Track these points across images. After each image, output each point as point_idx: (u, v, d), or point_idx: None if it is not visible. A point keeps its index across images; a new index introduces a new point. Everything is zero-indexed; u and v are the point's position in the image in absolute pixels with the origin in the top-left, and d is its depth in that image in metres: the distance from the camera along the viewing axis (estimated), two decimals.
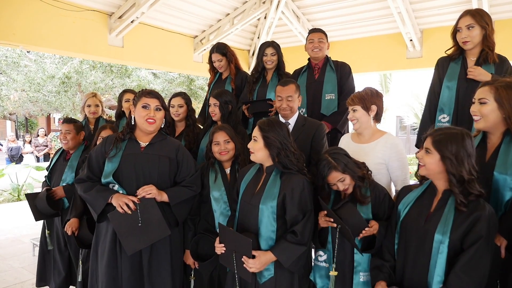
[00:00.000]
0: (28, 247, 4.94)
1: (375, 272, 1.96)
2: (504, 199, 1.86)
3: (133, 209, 2.21)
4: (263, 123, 2.14)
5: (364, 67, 6.89)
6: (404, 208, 1.91)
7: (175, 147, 2.46)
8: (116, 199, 2.23)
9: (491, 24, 2.57)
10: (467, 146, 1.72)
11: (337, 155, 2.08)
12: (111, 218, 2.24)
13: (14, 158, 11.87)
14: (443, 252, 1.70)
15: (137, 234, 2.23)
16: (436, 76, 2.79)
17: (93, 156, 2.41)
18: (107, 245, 2.33)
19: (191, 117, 3.17)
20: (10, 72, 12.66)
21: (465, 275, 1.63)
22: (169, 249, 2.40)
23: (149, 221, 2.24)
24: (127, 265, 2.31)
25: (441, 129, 1.80)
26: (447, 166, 1.72)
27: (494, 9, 5.58)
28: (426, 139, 1.81)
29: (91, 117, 3.79)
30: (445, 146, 1.72)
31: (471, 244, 1.66)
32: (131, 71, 13.39)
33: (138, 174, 2.33)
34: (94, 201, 2.32)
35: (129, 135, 2.41)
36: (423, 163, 1.80)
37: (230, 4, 6.42)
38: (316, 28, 3.57)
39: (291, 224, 2.06)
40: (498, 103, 1.86)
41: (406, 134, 21.03)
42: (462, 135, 1.73)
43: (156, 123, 2.37)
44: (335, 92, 3.34)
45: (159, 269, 2.37)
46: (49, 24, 4.81)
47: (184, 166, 2.45)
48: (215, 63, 3.70)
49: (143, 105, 2.35)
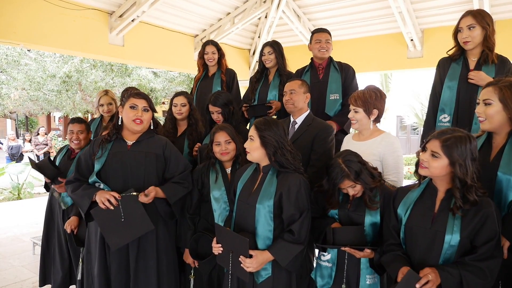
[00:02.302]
0: (28, 246, 4.94)
1: (393, 262, 1.87)
2: (508, 199, 1.86)
3: (115, 204, 2.22)
4: (259, 122, 2.14)
5: (365, 67, 6.89)
6: (405, 211, 1.89)
7: (162, 143, 2.48)
8: (99, 195, 2.26)
9: (492, 24, 2.57)
10: (473, 150, 1.72)
11: (350, 163, 2.05)
12: (94, 214, 2.27)
13: (14, 156, 11.87)
14: (452, 252, 1.72)
15: (120, 229, 2.25)
16: (437, 77, 2.80)
17: (82, 158, 2.43)
18: (98, 244, 2.36)
19: (193, 116, 3.17)
20: (11, 70, 12.67)
21: (480, 265, 1.65)
22: (155, 246, 2.42)
23: (132, 216, 2.25)
24: (115, 262, 2.34)
25: (447, 131, 1.77)
26: (456, 170, 1.71)
27: (495, 9, 5.58)
28: (430, 141, 1.78)
29: (106, 115, 3.78)
30: (455, 151, 1.70)
31: (486, 241, 1.68)
32: (132, 70, 13.39)
33: (125, 172, 2.35)
34: (80, 200, 2.34)
35: (116, 135, 2.43)
36: (427, 166, 1.78)
37: (231, 3, 6.42)
38: (322, 28, 3.54)
39: (288, 223, 2.07)
40: (503, 104, 1.86)
41: (406, 134, 21.04)
42: (470, 139, 1.73)
43: (143, 124, 2.38)
44: (339, 92, 3.33)
45: (145, 267, 2.39)
46: (50, 23, 4.81)
47: (172, 162, 2.47)
48: (208, 55, 3.70)
49: (131, 105, 2.36)
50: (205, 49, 3.73)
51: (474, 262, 1.67)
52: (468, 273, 1.65)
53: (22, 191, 8.49)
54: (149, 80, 13.91)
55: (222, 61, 3.76)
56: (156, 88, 14.27)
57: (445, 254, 1.73)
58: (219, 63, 3.75)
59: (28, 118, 24.85)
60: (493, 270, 1.67)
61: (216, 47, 3.71)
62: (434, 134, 1.80)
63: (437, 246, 1.75)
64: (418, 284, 1.63)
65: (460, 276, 1.65)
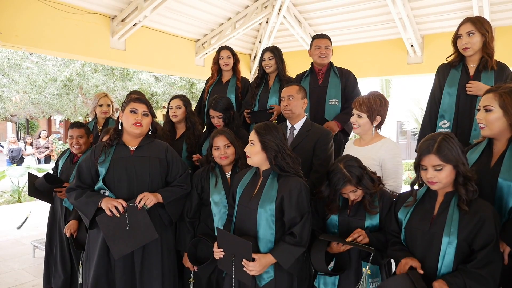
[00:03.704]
0: (28, 249, 4.94)
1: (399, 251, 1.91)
2: (508, 205, 1.87)
3: (122, 212, 2.23)
4: (259, 127, 2.16)
5: (365, 72, 6.92)
6: (406, 215, 1.92)
7: (163, 148, 2.51)
8: (105, 202, 2.26)
9: (491, 31, 2.60)
10: (459, 143, 1.79)
11: (351, 168, 2.07)
12: (99, 221, 2.26)
13: (14, 159, 11.89)
14: (450, 254, 1.73)
15: (124, 237, 2.25)
16: (437, 83, 2.81)
17: (83, 165, 2.43)
18: (97, 251, 2.35)
19: (190, 120, 3.19)
20: (12, 74, 12.69)
21: (481, 272, 1.67)
22: (160, 250, 2.43)
23: (137, 225, 2.26)
24: (120, 266, 2.33)
25: (429, 143, 1.78)
26: (460, 169, 1.76)
27: (495, 15, 5.61)
28: (425, 158, 1.78)
29: (102, 117, 3.79)
30: (451, 154, 1.74)
31: (484, 246, 1.69)
32: (133, 74, 13.42)
33: (130, 177, 2.36)
34: (85, 207, 2.34)
35: (117, 140, 2.44)
36: (437, 181, 1.78)
37: (232, 9, 6.46)
38: (322, 34, 3.54)
39: (290, 226, 2.08)
40: (504, 110, 1.87)
41: (407, 139, 21.04)
42: (451, 136, 1.80)
43: (142, 127, 2.40)
44: (339, 97, 3.35)
45: (150, 271, 2.39)
46: (52, 27, 4.84)
47: (175, 165, 2.50)
48: (224, 60, 3.68)
49: (131, 110, 2.38)
50: (220, 54, 3.71)
51: (475, 269, 1.68)
52: (473, 282, 1.67)
53: (22, 194, 8.48)
54: (150, 84, 13.93)
55: (238, 67, 3.75)
56: (157, 92, 14.29)
57: (443, 257, 1.75)
58: (234, 69, 3.74)
59: (29, 121, 24.88)
60: (494, 275, 1.69)
61: (231, 52, 3.70)
62: (422, 149, 1.80)
63: (435, 248, 1.77)
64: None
65: (465, 286, 1.67)
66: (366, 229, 2.10)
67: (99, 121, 3.81)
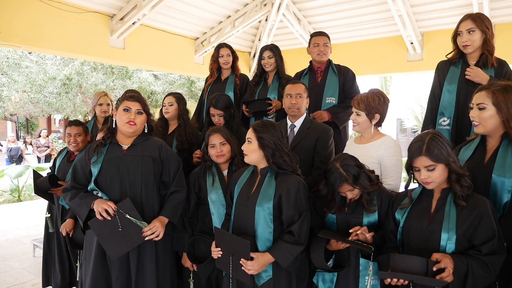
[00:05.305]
0: (28, 248, 4.94)
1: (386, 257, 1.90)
2: (502, 201, 1.88)
3: (112, 214, 2.20)
4: (257, 124, 2.15)
5: (365, 70, 6.90)
6: (403, 214, 1.92)
7: (157, 146, 2.45)
8: (96, 205, 2.23)
9: (491, 28, 2.58)
10: (447, 140, 1.81)
11: (348, 167, 2.04)
12: (91, 225, 2.25)
13: (13, 158, 11.87)
14: (450, 250, 1.73)
15: (118, 239, 2.23)
16: (437, 80, 2.81)
17: (78, 165, 2.40)
18: (94, 252, 2.34)
19: (182, 117, 3.20)
20: (11, 73, 12.66)
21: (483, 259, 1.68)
22: (154, 250, 2.40)
23: (130, 225, 2.23)
24: (116, 267, 2.32)
25: (419, 141, 1.80)
26: (452, 167, 1.77)
27: (495, 12, 5.60)
28: (417, 160, 1.79)
29: (101, 116, 3.78)
30: (441, 153, 1.76)
31: (486, 240, 1.70)
32: (132, 72, 13.39)
33: (122, 177, 2.32)
34: (78, 208, 2.31)
35: (110, 139, 2.39)
36: (431, 181, 1.80)
37: (231, 6, 6.45)
38: (321, 31, 3.53)
39: (288, 224, 2.07)
40: (497, 107, 1.88)
41: (407, 137, 21.02)
42: (439, 134, 1.81)
43: (136, 126, 2.35)
44: (336, 96, 3.34)
45: (144, 271, 2.38)
46: (51, 26, 4.83)
47: (170, 164, 2.45)
48: (223, 58, 3.67)
49: (124, 108, 2.33)
50: (219, 52, 3.70)
51: (478, 255, 1.70)
52: (475, 263, 1.68)
53: (22, 193, 8.48)
54: (149, 82, 13.90)
55: (237, 64, 3.75)
56: (156, 90, 14.26)
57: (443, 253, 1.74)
58: (233, 66, 3.74)
59: (29, 121, 24.87)
60: (495, 265, 1.69)
61: (230, 50, 3.69)
62: (412, 151, 1.81)
63: (434, 245, 1.78)
64: (435, 267, 1.66)
65: (467, 265, 1.67)
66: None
67: (98, 120, 3.81)
